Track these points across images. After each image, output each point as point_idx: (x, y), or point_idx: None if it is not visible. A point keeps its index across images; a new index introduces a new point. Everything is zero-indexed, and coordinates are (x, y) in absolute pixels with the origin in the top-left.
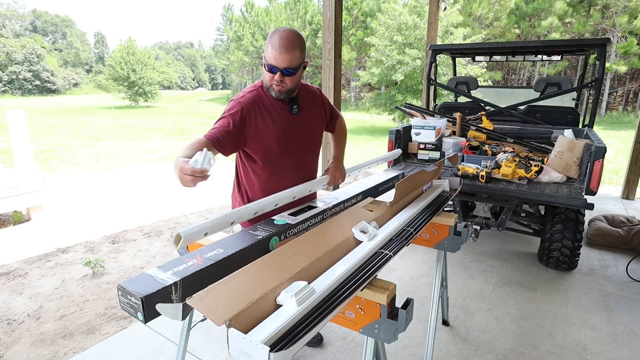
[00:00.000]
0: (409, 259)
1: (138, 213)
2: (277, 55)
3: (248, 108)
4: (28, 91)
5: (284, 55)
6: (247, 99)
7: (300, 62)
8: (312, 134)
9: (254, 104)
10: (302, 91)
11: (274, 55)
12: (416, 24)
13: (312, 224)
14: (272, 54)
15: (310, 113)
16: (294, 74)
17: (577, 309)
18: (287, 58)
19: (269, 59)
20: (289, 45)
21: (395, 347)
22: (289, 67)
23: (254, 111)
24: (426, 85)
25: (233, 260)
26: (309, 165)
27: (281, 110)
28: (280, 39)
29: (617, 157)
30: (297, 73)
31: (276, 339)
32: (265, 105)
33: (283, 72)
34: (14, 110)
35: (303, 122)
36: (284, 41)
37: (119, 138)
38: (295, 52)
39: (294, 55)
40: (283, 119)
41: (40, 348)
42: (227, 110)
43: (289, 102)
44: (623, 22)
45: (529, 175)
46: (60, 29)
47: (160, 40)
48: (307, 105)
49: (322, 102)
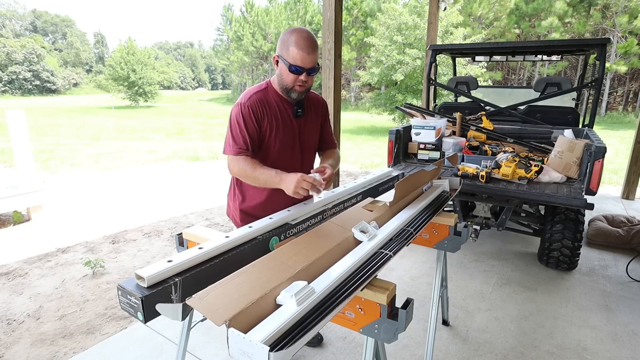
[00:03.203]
0: (409, 259)
1: (138, 213)
2: (304, 56)
3: (255, 109)
4: (28, 91)
5: (311, 56)
6: (254, 100)
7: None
8: (311, 137)
9: (260, 105)
10: (308, 96)
11: (301, 56)
12: (416, 24)
13: (312, 224)
14: (299, 55)
15: (311, 118)
16: (316, 73)
17: (577, 309)
18: (313, 58)
19: (294, 60)
20: (313, 45)
21: (395, 347)
22: (314, 67)
23: (261, 111)
24: (426, 85)
25: (233, 260)
26: (305, 169)
27: (286, 112)
28: (305, 40)
29: (617, 157)
30: (317, 72)
31: (276, 339)
32: (271, 106)
33: (309, 72)
34: (14, 110)
35: (305, 126)
36: (309, 42)
37: (119, 138)
38: (317, 51)
39: (317, 55)
40: (287, 120)
41: (40, 348)
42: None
43: (294, 105)
44: (623, 22)
45: (529, 175)
46: (60, 29)
47: (160, 40)
48: (310, 110)
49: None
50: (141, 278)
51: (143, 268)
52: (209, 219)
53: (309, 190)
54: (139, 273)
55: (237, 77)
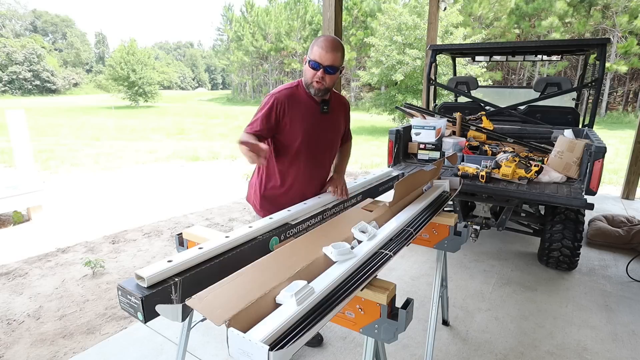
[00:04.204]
0: (409, 259)
1: (138, 213)
2: (322, 53)
3: (282, 101)
4: (28, 91)
5: (329, 54)
6: (283, 94)
7: (340, 64)
8: (334, 135)
9: (288, 99)
10: (333, 96)
11: (320, 53)
12: (416, 24)
13: (312, 224)
14: (318, 52)
15: (336, 117)
16: (334, 73)
17: (577, 309)
18: (331, 57)
19: (314, 56)
20: (334, 46)
21: (395, 347)
22: (332, 65)
23: (287, 105)
24: (426, 85)
25: (233, 260)
26: (326, 165)
27: (312, 108)
28: (327, 40)
29: (617, 157)
30: (335, 73)
31: (276, 338)
32: (299, 101)
33: (326, 70)
34: (14, 110)
35: (329, 123)
36: (329, 42)
37: (119, 138)
38: (337, 53)
39: (337, 56)
40: (313, 115)
41: (40, 348)
42: (264, 104)
43: (320, 103)
44: (623, 22)
45: (529, 175)
46: (60, 29)
47: (160, 40)
48: (335, 109)
49: (346, 113)
50: (141, 278)
51: (143, 268)
52: (209, 219)
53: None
54: (139, 273)
55: (237, 77)
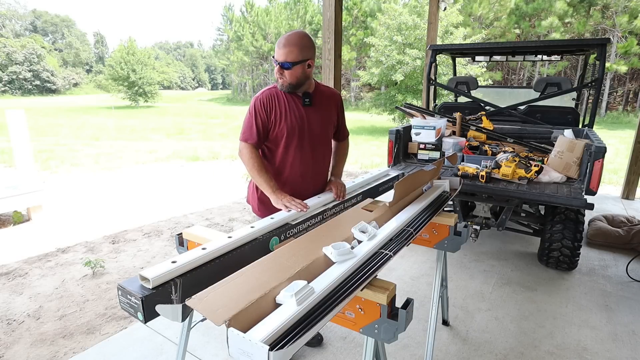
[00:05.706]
0: (409, 259)
1: (138, 213)
2: (277, 50)
3: (264, 102)
4: (28, 91)
5: (281, 50)
6: (264, 94)
7: (297, 59)
8: (324, 128)
9: (268, 98)
10: (318, 89)
11: (276, 50)
12: (416, 24)
13: (312, 224)
14: (276, 49)
15: (322, 108)
16: (290, 68)
17: (577, 309)
18: (283, 52)
19: (275, 54)
20: (286, 42)
21: (395, 347)
22: (285, 61)
23: (269, 104)
24: (426, 85)
25: (233, 261)
26: (319, 161)
27: (294, 102)
28: (283, 37)
29: (617, 157)
30: (293, 68)
31: (276, 338)
32: (280, 98)
33: (282, 65)
34: (14, 110)
35: (317, 115)
36: (284, 39)
37: (119, 138)
38: (291, 48)
39: (290, 51)
40: (296, 109)
41: (40, 348)
42: (249, 111)
43: (301, 96)
44: (623, 22)
45: (529, 175)
46: (60, 29)
47: (160, 40)
48: (321, 101)
49: (337, 104)
50: (146, 279)
51: (147, 269)
52: (208, 219)
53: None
54: (143, 274)
55: (237, 77)
